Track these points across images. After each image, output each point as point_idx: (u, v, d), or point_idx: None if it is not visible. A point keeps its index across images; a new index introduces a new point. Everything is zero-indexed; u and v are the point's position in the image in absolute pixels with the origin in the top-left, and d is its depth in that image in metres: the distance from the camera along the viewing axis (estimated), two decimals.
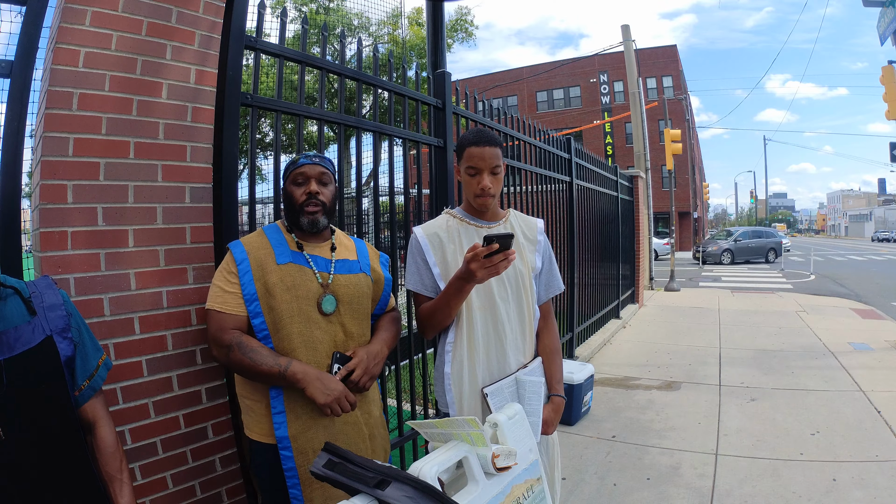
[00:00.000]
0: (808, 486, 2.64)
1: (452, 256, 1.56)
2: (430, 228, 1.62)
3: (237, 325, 1.41)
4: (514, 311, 1.57)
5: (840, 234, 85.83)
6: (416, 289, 1.59)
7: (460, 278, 1.38)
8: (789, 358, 5.18)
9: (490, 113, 3.40)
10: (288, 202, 1.51)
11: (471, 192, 1.56)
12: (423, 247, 1.58)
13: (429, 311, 1.52)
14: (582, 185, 5.54)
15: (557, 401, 1.61)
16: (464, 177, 1.58)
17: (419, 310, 1.58)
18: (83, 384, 1.15)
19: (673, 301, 9.49)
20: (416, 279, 1.59)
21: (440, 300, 1.48)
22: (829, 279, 14.14)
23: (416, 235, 1.61)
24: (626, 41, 13.06)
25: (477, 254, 1.30)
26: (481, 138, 1.53)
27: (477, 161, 1.52)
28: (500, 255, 1.31)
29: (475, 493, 1.09)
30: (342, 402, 1.37)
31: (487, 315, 1.54)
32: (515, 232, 1.63)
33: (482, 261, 1.30)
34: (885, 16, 6.50)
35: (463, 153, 1.56)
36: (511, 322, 1.56)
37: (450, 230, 1.60)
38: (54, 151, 1.39)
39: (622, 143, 29.61)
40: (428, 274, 1.58)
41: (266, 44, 1.92)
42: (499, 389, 1.51)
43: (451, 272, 1.52)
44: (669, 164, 13.07)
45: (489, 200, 1.56)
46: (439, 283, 1.55)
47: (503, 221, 1.65)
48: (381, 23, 14.26)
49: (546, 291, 1.71)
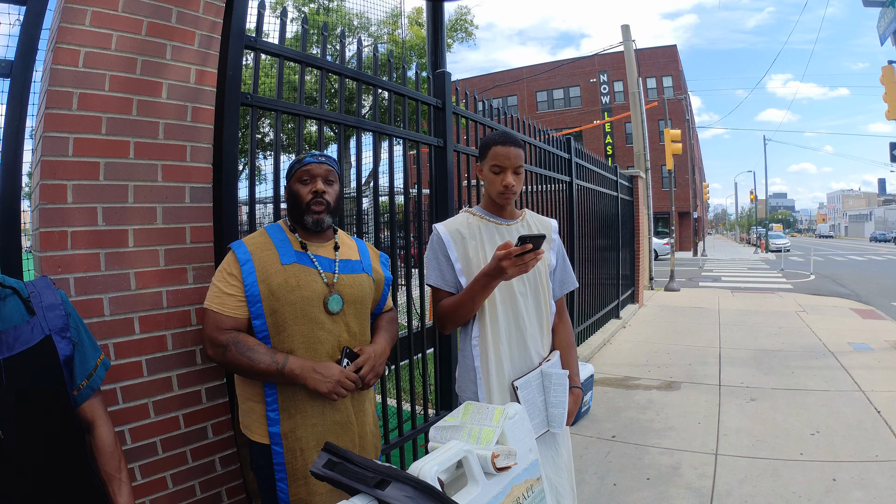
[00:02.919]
0: (808, 486, 2.64)
1: (474, 252, 1.62)
2: (452, 225, 1.68)
3: (235, 326, 1.41)
4: (532, 305, 1.65)
5: (840, 234, 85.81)
6: (437, 284, 1.64)
7: (488, 274, 1.45)
8: (789, 358, 5.18)
9: (490, 113, 3.40)
10: (293, 201, 1.50)
11: (494, 190, 1.63)
12: (445, 242, 1.64)
13: (452, 306, 1.58)
14: (582, 185, 5.54)
15: (577, 392, 1.71)
16: (487, 175, 1.64)
17: (439, 305, 1.63)
18: (82, 384, 1.15)
19: (673, 301, 9.49)
20: (437, 274, 1.64)
21: (464, 295, 1.54)
22: (829, 279, 14.14)
23: (438, 231, 1.66)
24: (626, 41, 13.06)
25: (510, 252, 1.38)
26: (507, 139, 1.61)
27: (502, 160, 1.59)
28: (530, 254, 1.39)
29: (475, 493, 1.09)
30: (344, 384, 1.39)
31: (508, 309, 1.61)
32: (532, 231, 1.71)
33: (514, 259, 1.38)
34: (884, 16, 6.49)
35: (488, 152, 1.63)
36: (530, 316, 1.64)
37: (471, 227, 1.66)
38: (54, 151, 1.39)
39: (622, 143, 29.62)
40: (449, 269, 1.63)
41: (266, 44, 1.92)
42: (527, 382, 1.58)
43: (472, 268, 1.59)
44: (669, 164, 13.08)
45: (511, 197, 1.63)
46: (460, 279, 1.62)
47: (520, 220, 1.72)
48: (381, 23, 14.26)
49: (561, 288, 1.79)
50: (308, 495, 1.42)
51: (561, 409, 1.59)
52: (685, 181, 29.70)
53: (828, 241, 62.00)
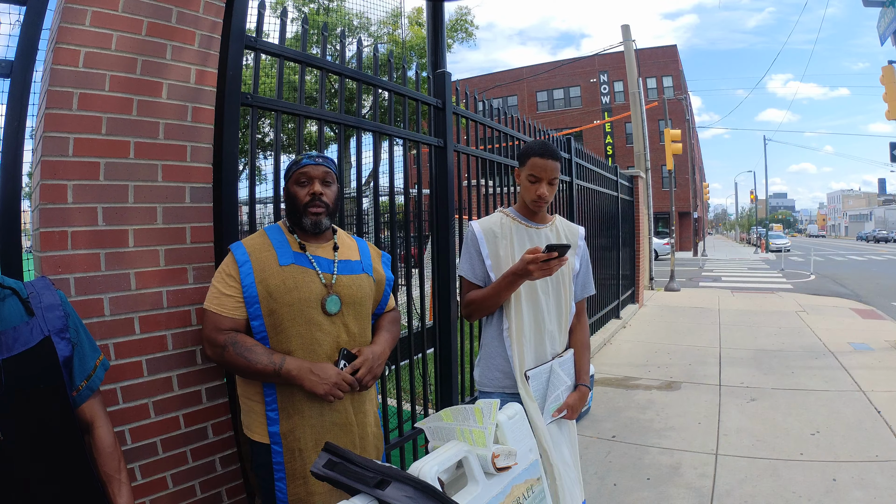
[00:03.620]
0: (808, 486, 2.64)
1: (504, 251, 1.74)
2: (486, 224, 1.80)
3: (233, 326, 1.41)
4: (553, 304, 1.77)
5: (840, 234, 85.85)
6: (467, 276, 1.79)
7: (515, 273, 1.60)
8: (789, 358, 5.18)
9: (490, 113, 3.40)
10: (290, 203, 1.50)
11: (528, 197, 1.76)
12: (478, 239, 1.77)
13: (480, 298, 1.73)
14: (582, 185, 5.54)
15: (584, 389, 1.81)
16: (523, 182, 1.77)
17: (467, 295, 1.77)
18: (81, 384, 1.15)
19: (673, 301, 9.49)
20: (468, 267, 1.79)
21: (492, 290, 1.69)
22: (829, 279, 14.14)
23: (474, 229, 1.79)
24: (626, 41, 13.06)
25: (537, 257, 1.52)
26: (546, 151, 1.72)
27: (539, 171, 1.71)
28: (555, 260, 1.53)
29: (475, 493, 1.09)
30: (341, 385, 1.39)
31: (530, 305, 1.73)
32: (560, 235, 1.85)
33: (540, 264, 1.52)
34: (884, 16, 6.49)
35: (527, 161, 1.74)
36: (549, 314, 1.76)
37: (503, 227, 1.78)
38: (54, 151, 1.39)
39: (622, 143, 29.61)
40: (480, 264, 1.77)
41: (266, 44, 1.91)
42: (538, 374, 1.71)
43: (501, 265, 1.73)
44: (669, 164, 13.08)
45: (543, 205, 1.77)
46: (490, 274, 1.75)
47: (550, 224, 1.85)
48: (381, 23, 14.27)
49: (582, 291, 1.91)
50: (307, 495, 1.42)
51: (555, 403, 1.72)
52: (685, 181, 29.69)
53: (825, 241, 62.38)
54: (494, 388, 1.76)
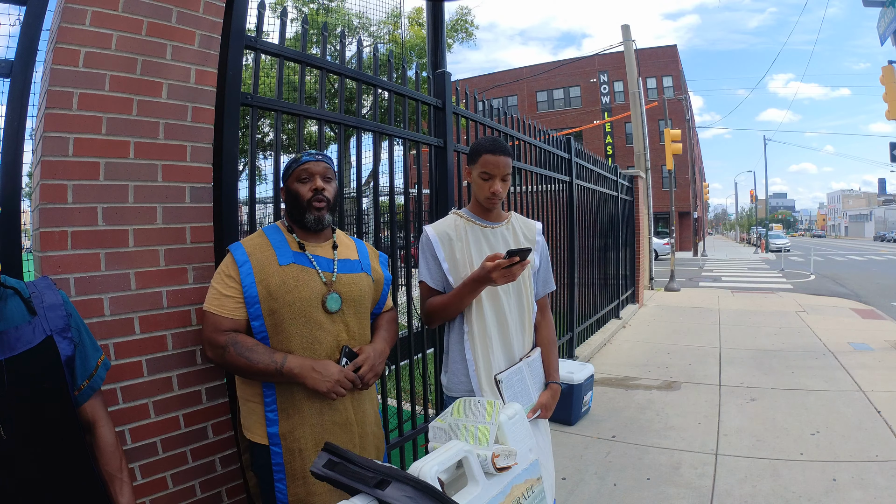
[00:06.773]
0: (807, 486, 2.64)
1: (460, 254, 1.70)
2: (440, 227, 1.76)
3: (233, 327, 1.41)
4: (514, 303, 1.73)
5: (840, 234, 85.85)
6: (426, 281, 1.74)
7: (476, 280, 1.55)
8: (789, 358, 5.18)
9: (490, 113, 3.40)
10: (292, 200, 1.50)
11: (482, 195, 1.71)
12: (433, 244, 1.73)
13: (440, 305, 1.68)
14: (582, 185, 5.54)
15: (555, 387, 1.79)
16: (476, 180, 1.71)
17: (428, 301, 1.73)
18: (83, 384, 1.15)
19: (673, 301, 9.49)
20: (426, 272, 1.74)
21: (454, 296, 1.64)
22: (829, 279, 14.14)
23: (427, 233, 1.75)
24: (626, 41, 13.06)
25: (499, 264, 1.47)
26: (497, 147, 1.67)
27: (491, 168, 1.66)
28: (518, 265, 1.49)
29: (475, 493, 1.09)
30: (343, 383, 1.39)
31: (492, 306, 1.69)
32: (517, 233, 1.80)
33: (503, 270, 1.48)
34: (884, 16, 6.49)
35: (478, 158, 1.69)
36: (511, 313, 1.72)
37: (458, 229, 1.74)
38: (54, 151, 1.39)
39: (622, 143, 29.60)
40: (437, 268, 1.73)
41: (266, 44, 1.92)
42: (509, 378, 1.67)
43: (458, 268, 1.70)
44: (669, 164, 13.07)
45: (497, 203, 1.72)
46: (448, 277, 1.71)
47: (506, 222, 1.80)
48: (381, 23, 14.26)
49: (543, 288, 1.87)
50: (307, 495, 1.42)
51: (528, 404, 1.69)
52: (685, 181, 29.69)
53: (824, 240, 62.50)
54: (462, 393, 1.71)
